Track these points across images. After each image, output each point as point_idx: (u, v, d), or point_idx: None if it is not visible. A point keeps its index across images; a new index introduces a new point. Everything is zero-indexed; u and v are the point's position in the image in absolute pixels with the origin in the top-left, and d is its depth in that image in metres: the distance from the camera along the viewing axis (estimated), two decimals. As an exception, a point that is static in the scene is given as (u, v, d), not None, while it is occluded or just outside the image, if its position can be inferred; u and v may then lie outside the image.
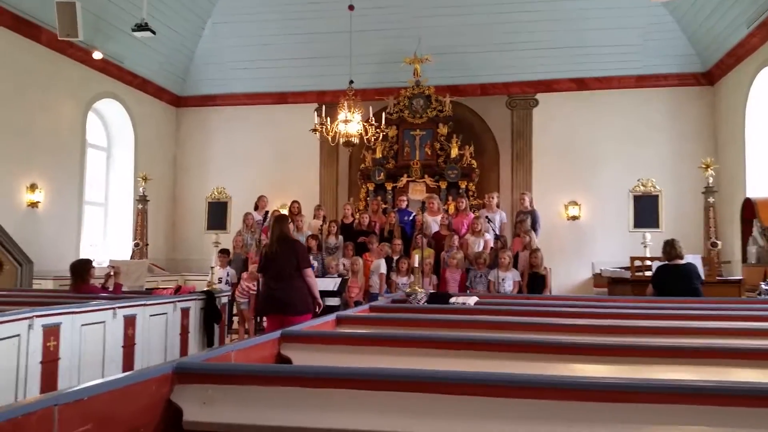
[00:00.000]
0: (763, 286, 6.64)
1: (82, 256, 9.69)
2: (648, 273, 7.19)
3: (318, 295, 5.70)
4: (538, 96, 12.23)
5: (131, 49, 11.26)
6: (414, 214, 9.17)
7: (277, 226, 5.67)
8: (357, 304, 7.38)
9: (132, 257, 10.99)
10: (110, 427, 1.56)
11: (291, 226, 5.95)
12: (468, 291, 7.48)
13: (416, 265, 5.59)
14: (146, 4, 9.42)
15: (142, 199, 11.30)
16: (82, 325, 4.68)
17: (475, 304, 4.55)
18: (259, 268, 5.77)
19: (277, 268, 5.47)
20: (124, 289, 7.01)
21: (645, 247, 8.86)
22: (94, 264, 6.42)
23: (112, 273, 6.81)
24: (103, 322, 4.95)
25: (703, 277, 6.19)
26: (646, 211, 11.50)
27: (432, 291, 6.54)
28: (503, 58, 11.85)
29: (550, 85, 12.15)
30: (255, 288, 8.12)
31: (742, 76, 10.31)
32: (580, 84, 12.04)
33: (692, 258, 6.44)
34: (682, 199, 11.23)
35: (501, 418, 1.64)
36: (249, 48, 12.35)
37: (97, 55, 10.55)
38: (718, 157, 10.65)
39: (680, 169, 11.33)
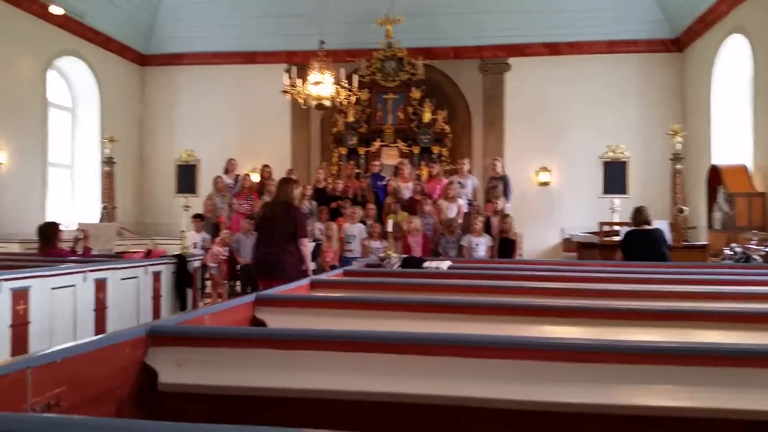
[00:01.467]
0: (727, 251, 6.81)
1: (49, 218, 9.49)
2: (616, 238, 7.33)
3: (310, 265, 5.74)
4: (511, 60, 12.18)
5: (92, 3, 10.84)
6: (387, 179, 9.16)
7: (282, 188, 5.64)
8: (332, 268, 7.39)
9: (101, 220, 10.80)
10: (85, 389, 1.56)
11: (297, 191, 5.87)
12: (440, 256, 7.54)
13: (389, 229, 5.61)
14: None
15: (108, 161, 11.06)
16: (52, 288, 4.62)
17: (449, 268, 4.60)
18: (255, 227, 5.75)
19: (273, 231, 5.45)
20: (93, 252, 6.91)
21: (613, 212, 9.01)
22: (61, 227, 6.30)
23: (80, 236, 6.70)
24: (74, 285, 4.88)
25: (669, 242, 6.33)
26: (614, 177, 11.61)
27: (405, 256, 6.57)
28: (476, 20, 11.74)
29: (522, 50, 12.09)
30: (225, 253, 8.08)
31: (710, 43, 10.39)
32: (552, 49, 12.01)
33: (659, 224, 6.58)
34: (650, 165, 11.38)
35: (474, 378, 1.68)
36: (216, 4, 12.00)
37: (55, 10, 10.08)
38: (685, 124, 10.79)
39: (649, 135, 11.47)
